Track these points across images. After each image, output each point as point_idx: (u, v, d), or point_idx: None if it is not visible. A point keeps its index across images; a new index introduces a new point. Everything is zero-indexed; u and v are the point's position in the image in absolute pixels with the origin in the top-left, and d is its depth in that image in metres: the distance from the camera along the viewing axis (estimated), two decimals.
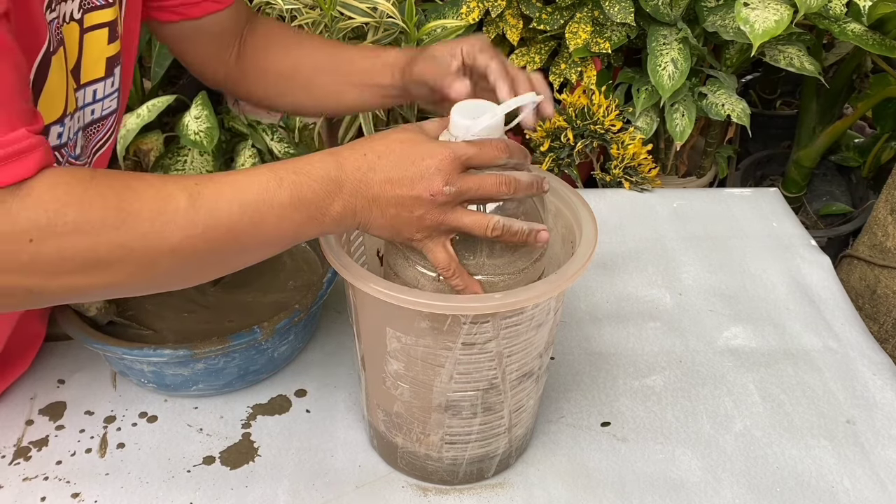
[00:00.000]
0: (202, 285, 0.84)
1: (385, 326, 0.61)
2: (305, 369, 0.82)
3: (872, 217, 1.18)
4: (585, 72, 1.32)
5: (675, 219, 1.07)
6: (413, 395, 0.64)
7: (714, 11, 1.25)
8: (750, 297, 0.94)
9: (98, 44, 0.68)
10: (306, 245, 0.90)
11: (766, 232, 1.05)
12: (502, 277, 0.61)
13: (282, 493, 0.69)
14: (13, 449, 0.73)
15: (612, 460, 0.73)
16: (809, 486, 0.71)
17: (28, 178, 0.48)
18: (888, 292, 1.11)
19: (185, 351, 0.71)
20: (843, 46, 1.49)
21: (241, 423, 0.76)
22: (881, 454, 0.74)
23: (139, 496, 0.69)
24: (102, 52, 0.68)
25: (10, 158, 0.48)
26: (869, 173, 1.61)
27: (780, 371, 0.83)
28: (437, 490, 0.70)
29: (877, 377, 0.82)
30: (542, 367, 0.67)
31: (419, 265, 0.61)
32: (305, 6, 1.28)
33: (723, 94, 1.27)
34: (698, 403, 0.79)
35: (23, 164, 0.48)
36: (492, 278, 0.61)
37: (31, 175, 0.49)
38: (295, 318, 0.75)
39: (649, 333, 0.88)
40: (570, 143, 1.21)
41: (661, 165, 1.42)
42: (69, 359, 0.82)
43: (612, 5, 1.24)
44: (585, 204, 0.66)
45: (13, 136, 0.49)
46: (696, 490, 0.70)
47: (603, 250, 0.99)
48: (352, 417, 0.77)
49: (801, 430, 0.76)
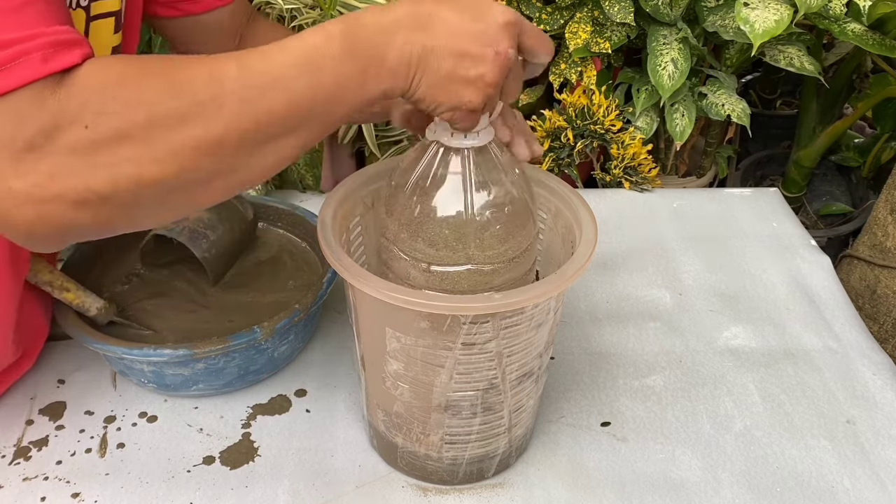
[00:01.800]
0: (202, 285, 0.85)
1: (385, 326, 0.61)
2: (305, 369, 0.82)
3: (872, 217, 1.18)
4: (585, 72, 1.32)
5: (675, 219, 1.07)
6: (413, 395, 0.64)
7: (714, 11, 1.25)
8: (750, 297, 0.94)
9: (105, 33, 0.67)
10: (306, 245, 0.90)
11: (766, 232, 1.05)
12: (493, 266, 0.61)
13: (282, 493, 0.69)
14: (13, 449, 0.73)
15: (612, 460, 0.73)
16: (809, 486, 0.71)
17: (74, 65, 0.46)
18: (888, 292, 1.11)
19: (185, 351, 0.71)
20: (843, 46, 1.49)
21: (241, 423, 0.76)
22: (881, 454, 0.74)
23: (139, 496, 0.69)
24: (108, 42, 0.68)
25: (56, 46, 0.46)
26: (869, 173, 1.61)
27: (780, 371, 0.83)
28: (437, 490, 0.70)
29: (877, 377, 0.82)
30: (542, 367, 0.67)
31: (407, 256, 0.61)
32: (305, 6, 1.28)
33: (723, 94, 1.27)
34: (698, 403, 0.79)
35: (69, 54, 0.47)
36: (483, 266, 0.61)
37: (78, 63, 0.47)
38: (295, 318, 0.75)
39: (649, 333, 0.88)
40: (570, 143, 1.21)
41: (661, 165, 1.42)
42: (69, 359, 0.82)
43: (612, 5, 1.24)
44: (585, 204, 0.66)
45: (59, 28, 0.47)
46: (696, 490, 0.70)
47: (603, 250, 0.99)
48: (352, 417, 0.77)
49: (801, 430, 0.76)
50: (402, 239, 0.62)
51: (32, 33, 0.46)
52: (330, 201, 0.65)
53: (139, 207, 0.50)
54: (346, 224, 0.68)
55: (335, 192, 0.67)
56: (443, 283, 0.61)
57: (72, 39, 0.48)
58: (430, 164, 0.60)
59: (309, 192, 1.12)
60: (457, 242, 0.60)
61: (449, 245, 0.60)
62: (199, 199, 0.52)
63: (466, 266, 0.61)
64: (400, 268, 0.62)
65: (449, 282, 0.61)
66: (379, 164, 0.71)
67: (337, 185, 0.68)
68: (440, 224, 0.60)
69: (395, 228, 0.62)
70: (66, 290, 0.75)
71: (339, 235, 0.64)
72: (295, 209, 0.91)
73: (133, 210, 0.50)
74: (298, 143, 0.52)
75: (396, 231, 0.62)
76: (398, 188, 0.62)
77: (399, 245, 0.62)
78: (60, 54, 0.46)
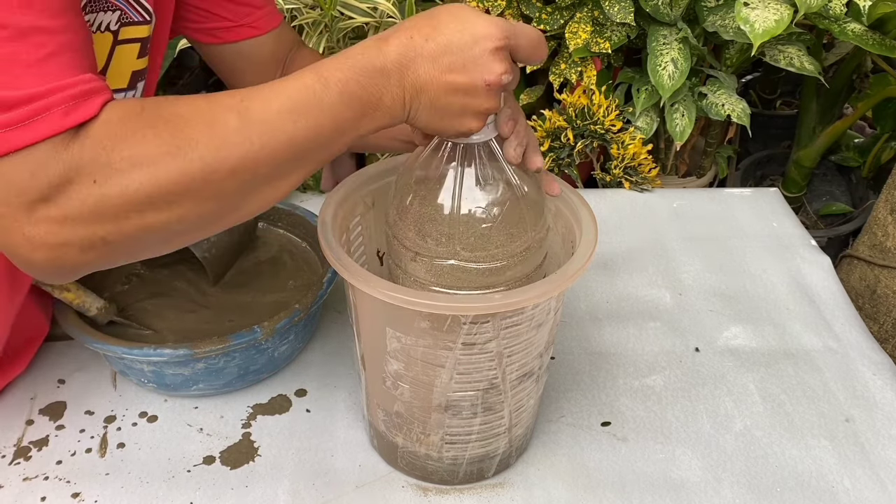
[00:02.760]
0: (202, 285, 0.85)
1: (385, 326, 0.61)
2: (305, 369, 0.82)
3: (872, 217, 1.18)
4: (585, 72, 1.32)
5: (675, 219, 1.07)
6: (413, 395, 0.64)
7: (714, 11, 1.25)
8: (750, 297, 0.94)
9: (128, 57, 0.68)
10: (306, 245, 0.90)
11: (766, 232, 1.05)
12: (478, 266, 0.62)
13: (282, 493, 0.69)
14: (13, 449, 0.73)
15: (612, 460, 0.73)
16: (809, 486, 0.71)
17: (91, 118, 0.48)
18: (888, 292, 1.11)
19: (186, 350, 0.71)
20: (843, 46, 1.49)
21: (241, 423, 0.76)
22: (881, 454, 0.74)
23: (139, 496, 0.69)
24: (130, 66, 0.69)
25: (78, 98, 0.47)
26: (869, 173, 1.61)
27: (780, 371, 0.83)
28: (437, 490, 0.70)
29: (877, 377, 0.82)
30: (542, 366, 0.67)
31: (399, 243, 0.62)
32: (306, 6, 1.28)
33: (723, 94, 1.27)
34: (698, 403, 0.79)
35: (89, 105, 0.48)
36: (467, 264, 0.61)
37: (94, 115, 0.48)
38: (295, 318, 0.75)
39: (649, 333, 0.88)
40: (570, 143, 1.21)
41: (661, 165, 1.42)
42: (69, 359, 0.82)
43: (612, 5, 1.24)
44: (585, 204, 0.66)
45: (82, 77, 0.48)
46: (696, 490, 0.70)
47: (603, 250, 0.99)
48: (352, 417, 0.77)
49: (801, 429, 0.76)
50: (395, 224, 0.63)
51: (56, 86, 0.47)
52: (330, 201, 0.65)
53: (143, 248, 0.53)
54: (346, 224, 0.68)
55: (335, 192, 0.67)
56: (428, 275, 0.62)
57: (92, 89, 0.48)
58: (432, 154, 0.61)
59: (309, 192, 1.12)
60: (441, 236, 0.60)
61: (433, 237, 0.60)
62: (200, 236, 0.56)
63: (450, 261, 0.61)
64: (394, 253, 0.63)
65: (434, 274, 0.62)
66: (379, 164, 0.71)
67: (337, 185, 0.68)
68: (429, 215, 0.61)
69: (393, 213, 0.63)
70: (67, 290, 0.75)
71: (339, 235, 0.64)
72: (295, 209, 0.91)
73: (137, 250, 0.53)
74: (297, 179, 0.54)
75: (394, 217, 0.63)
76: (402, 175, 0.63)
77: (392, 229, 0.63)
78: (81, 107, 0.47)
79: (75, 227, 0.48)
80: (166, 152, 0.48)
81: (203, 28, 0.80)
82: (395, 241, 0.63)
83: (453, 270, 0.61)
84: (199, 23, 0.79)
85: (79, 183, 0.47)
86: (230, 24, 0.80)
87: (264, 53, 0.83)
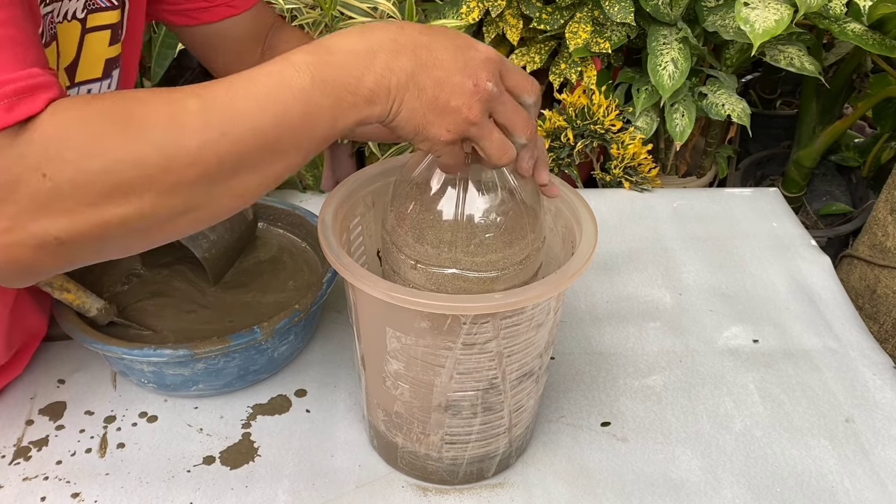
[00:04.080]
0: (202, 285, 0.85)
1: (385, 326, 0.61)
2: (305, 369, 0.82)
3: (872, 217, 1.18)
4: (585, 72, 1.32)
5: (675, 219, 1.07)
6: (413, 395, 0.64)
7: (714, 11, 1.25)
8: (750, 297, 0.94)
9: (99, 45, 0.67)
10: (306, 245, 0.90)
11: (766, 232, 1.05)
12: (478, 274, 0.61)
13: (282, 493, 0.69)
14: (13, 449, 0.73)
15: (612, 460, 0.73)
16: (809, 486, 0.71)
17: (36, 114, 0.46)
18: (888, 292, 1.11)
19: (186, 351, 0.71)
20: (843, 46, 1.49)
21: (241, 423, 0.76)
22: (881, 454, 0.74)
23: (139, 496, 0.69)
24: (102, 54, 0.68)
25: (21, 94, 0.45)
26: (869, 173, 1.61)
27: (780, 371, 0.83)
28: (437, 490, 0.70)
29: (877, 377, 0.82)
30: (542, 366, 0.67)
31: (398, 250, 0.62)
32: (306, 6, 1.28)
33: (723, 93, 1.27)
34: (698, 403, 0.79)
35: (33, 101, 0.46)
36: (468, 273, 0.61)
37: (41, 110, 0.46)
38: (295, 318, 0.75)
39: (649, 333, 0.88)
40: (570, 143, 1.21)
41: (661, 165, 1.42)
42: (69, 359, 0.82)
43: (612, 5, 1.24)
44: (585, 204, 0.66)
45: (28, 72, 0.47)
46: (696, 490, 0.70)
47: (603, 250, 0.99)
48: (352, 417, 0.77)
49: (801, 429, 0.76)
50: (394, 230, 0.62)
51: None
52: (330, 201, 0.65)
53: (102, 247, 0.50)
54: (346, 224, 0.68)
55: (336, 192, 0.67)
56: (428, 283, 0.61)
57: (38, 84, 0.47)
58: (434, 160, 0.60)
59: (309, 192, 1.12)
60: (441, 244, 0.60)
61: (434, 245, 0.60)
62: (164, 236, 0.51)
63: (451, 270, 0.61)
64: (392, 259, 0.63)
65: (434, 283, 0.61)
66: (379, 164, 0.71)
67: (337, 185, 0.68)
68: (430, 223, 0.60)
69: (392, 219, 0.63)
70: (66, 290, 0.75)
71: (339, 235, 0.64)
72: (295, 209, 0.91)
73: (96, 249, 0.50)
74: (272, 174, 0.50)
75: (393, 223, 0.62)
76: (401, 181, 0.62)
77: (391, 236, 0.62)
78: (24, 102, 0.45)
79: (26, 224, 0.46)
80: (120, 140, 0.46)
81: (179, 10, 0.78)
82: (393, 248, 0.63)
83: (454, 279, 0.61)
84: (174, 4, 0.78)
85: (28, 178, 0.45)
86: (206, 5, 0.79)
87: (242, 32, 0.82)
